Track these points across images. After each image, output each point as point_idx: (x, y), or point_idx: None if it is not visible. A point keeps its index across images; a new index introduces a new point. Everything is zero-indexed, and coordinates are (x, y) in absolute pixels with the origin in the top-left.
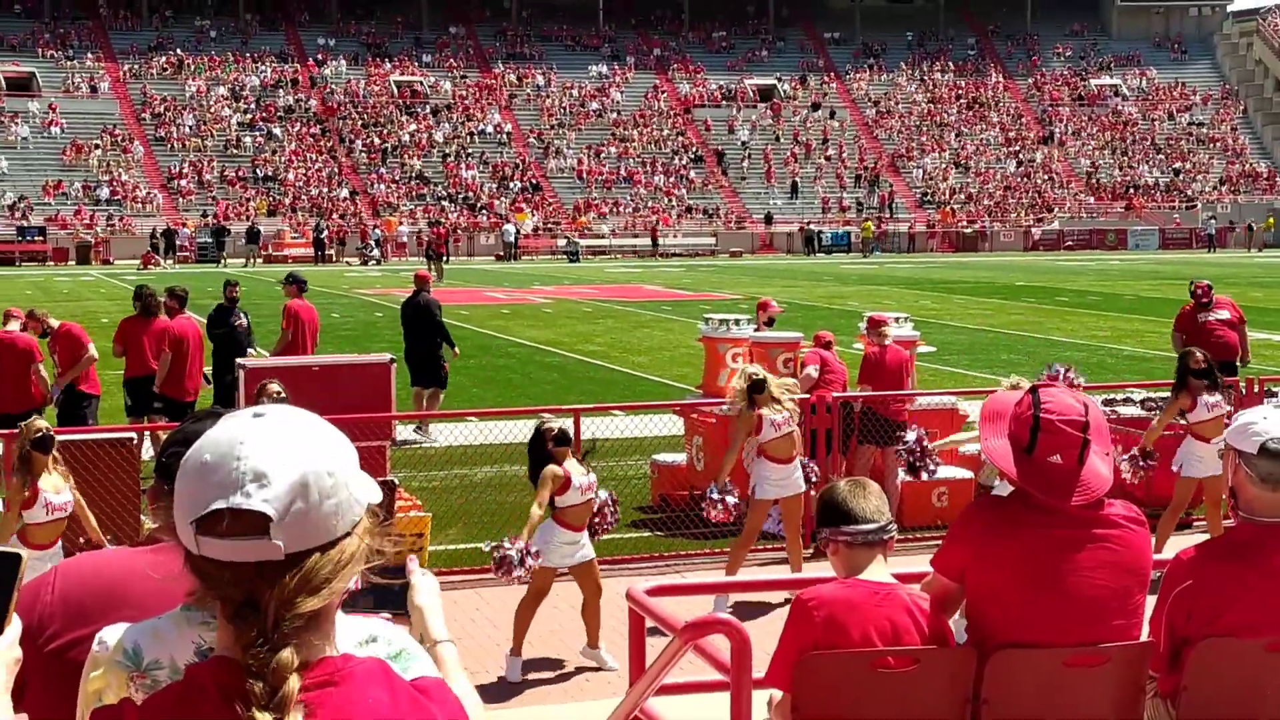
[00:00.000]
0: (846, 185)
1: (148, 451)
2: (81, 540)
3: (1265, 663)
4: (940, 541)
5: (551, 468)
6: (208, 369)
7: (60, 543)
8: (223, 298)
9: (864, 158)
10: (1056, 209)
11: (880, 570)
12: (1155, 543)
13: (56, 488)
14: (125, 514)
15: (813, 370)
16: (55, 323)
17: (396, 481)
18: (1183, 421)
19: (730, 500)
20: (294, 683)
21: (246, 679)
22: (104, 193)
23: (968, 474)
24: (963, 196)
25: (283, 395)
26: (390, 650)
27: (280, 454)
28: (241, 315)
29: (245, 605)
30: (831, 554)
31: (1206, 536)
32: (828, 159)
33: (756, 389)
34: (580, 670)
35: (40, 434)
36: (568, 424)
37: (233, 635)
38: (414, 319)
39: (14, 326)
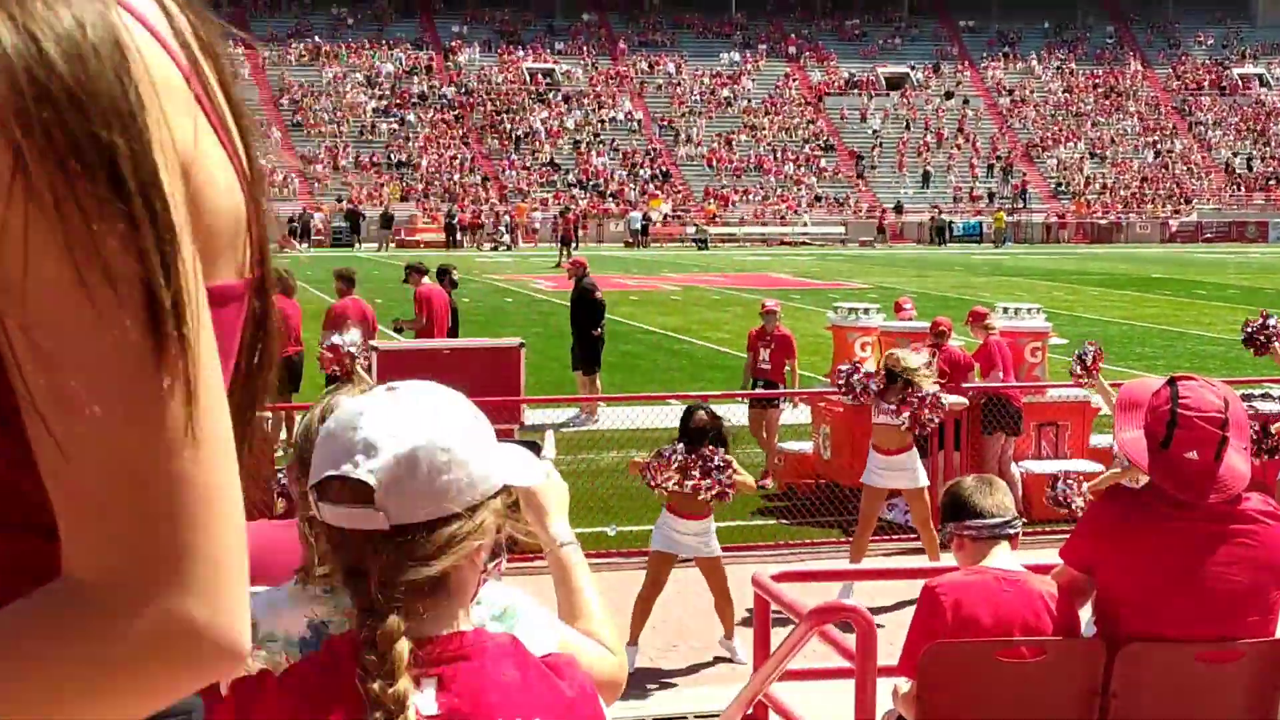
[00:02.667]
0: (979, 175)
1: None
2: None
3: None
4: (1069, 534)
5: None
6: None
7: None
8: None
9: (997, 147)
10: (1195, 200)
11: (1008, 559)
12: None
13: None
14: (258, 491)
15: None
16: None
17: (541, 443)
18: None
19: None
20: (403, 648)
21: (362, 647)
22: None
23: (1098, 467)
24: (1098, 187)
25: None
26: (493, 611)
27: (394, 427)
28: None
29: (353, 573)
30: (956, 549)
31: None
32: (959, 148)
33: (891, 377)
34: (710, 658)
35: None
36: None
37: (353, 605)
38: (573, 305)
39: None
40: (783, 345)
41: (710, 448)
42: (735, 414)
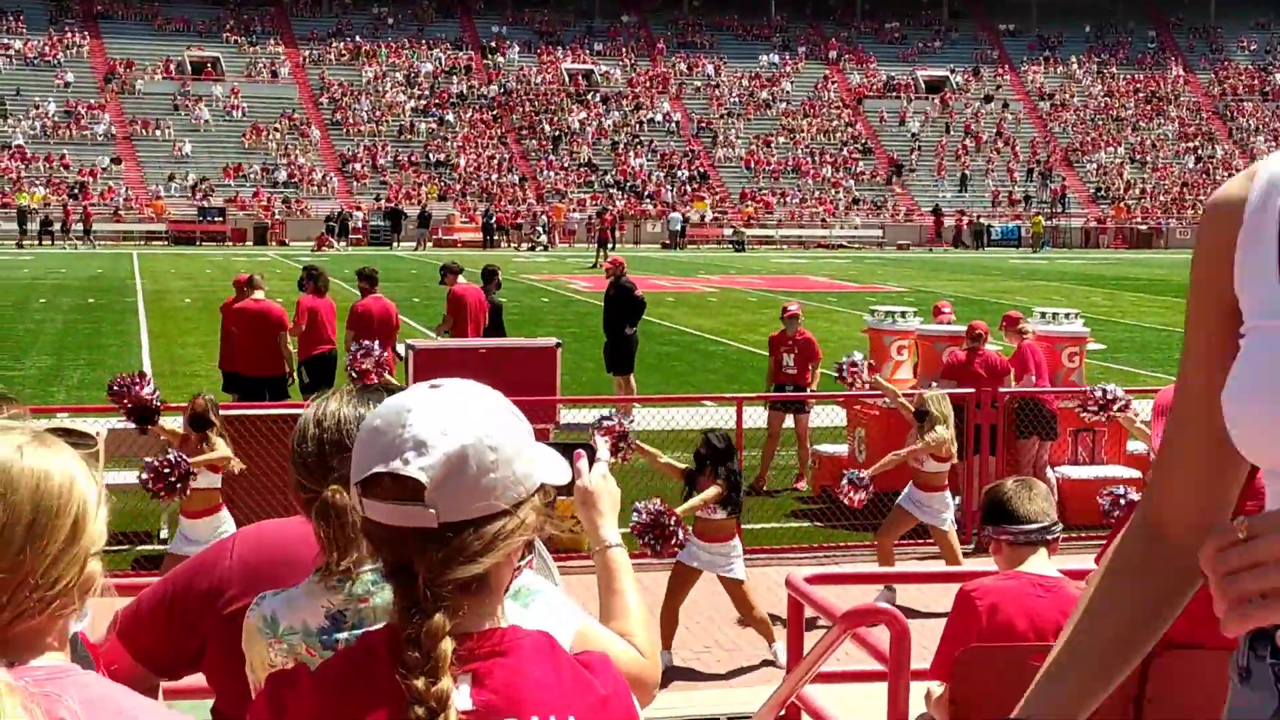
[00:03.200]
0: (1017, 179)
1: None
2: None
3: None
4: (1105, 539)
5: (716, 489)
6: (400, 346)
7: (221, 511)
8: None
9: (1036, 151)
10: None
11: (1045, 565)
12: None
13: (208, 463)
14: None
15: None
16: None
17: (595, 445)
18: None
19: (862, 495)
20: (446, 646)
21: (404, 644)
22: (281, 175)
23: (1135, 473)
24: (1138, 192)
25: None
26: (509, 590)
27: (443, 425)
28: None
29: (400, 569)
30: (994, 553)
31: None
32: (998, 152)
33: (920, 417)
34: (743, 661)
35: (197, 413)
36: (730, 414)
37: (396, 601)
38: (609, 304)
39: (260, 295)
40: (806, 349)
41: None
42: (765, 417)
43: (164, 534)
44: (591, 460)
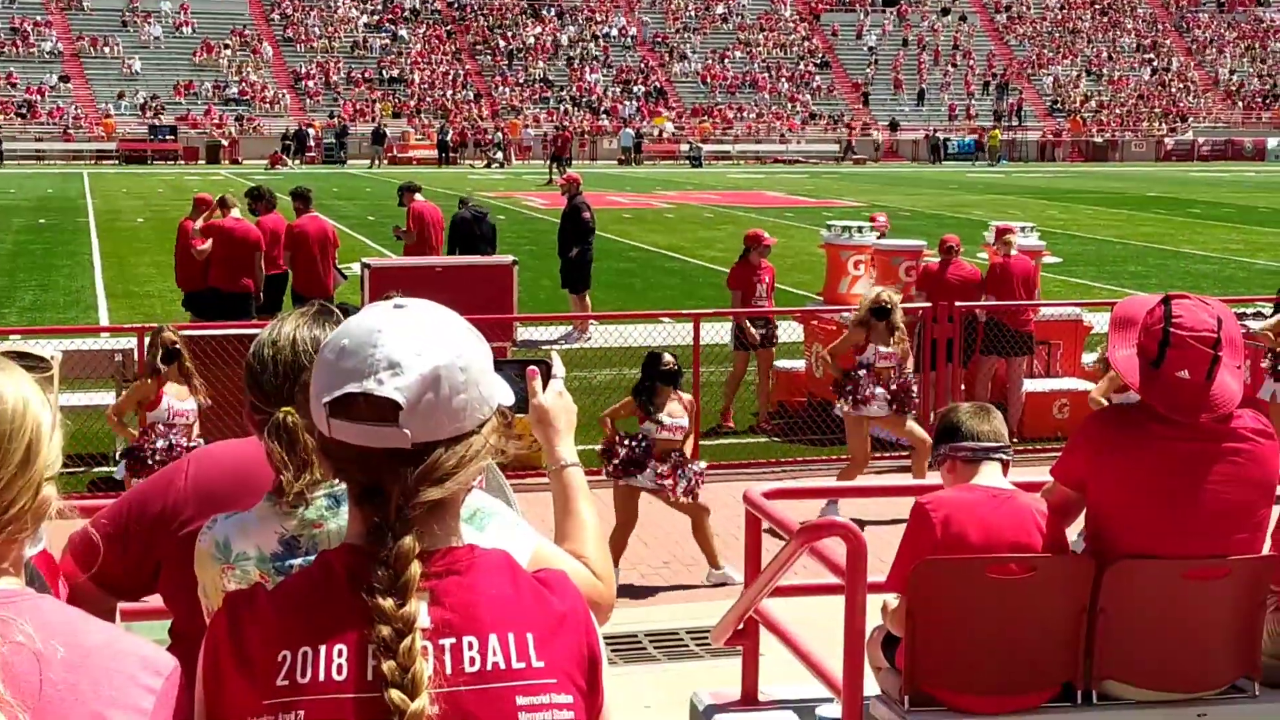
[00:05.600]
0: (974, 92)
1: None
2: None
3: None
4: (1060, 453)
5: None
6: (342, 266)
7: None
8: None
9: (993, 64)
10: (1191, 119)
11: (998, 479)
12: None
13: (179, 395)
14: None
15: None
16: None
17: (550, 361)
18: None
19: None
20: (415, 569)
21: (371, 564)
22: (233, 92)
23: (1089, 385)
24: (1094, 105)
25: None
26: (464, 514)
27: (416, 345)
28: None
29: (370, 491)
30: (947, 471)
31: None
32: (955, 65)
33: (879, 314)
34: (701, 577)
35: (167, 347)
36: (687, 330)
37: (360, 521)
38: (562, 222)
39: (235, 214)
40: (771, 280)
41: (680, 456)
42: (722, 332)
43: (118, 456)
44: (547, 378)
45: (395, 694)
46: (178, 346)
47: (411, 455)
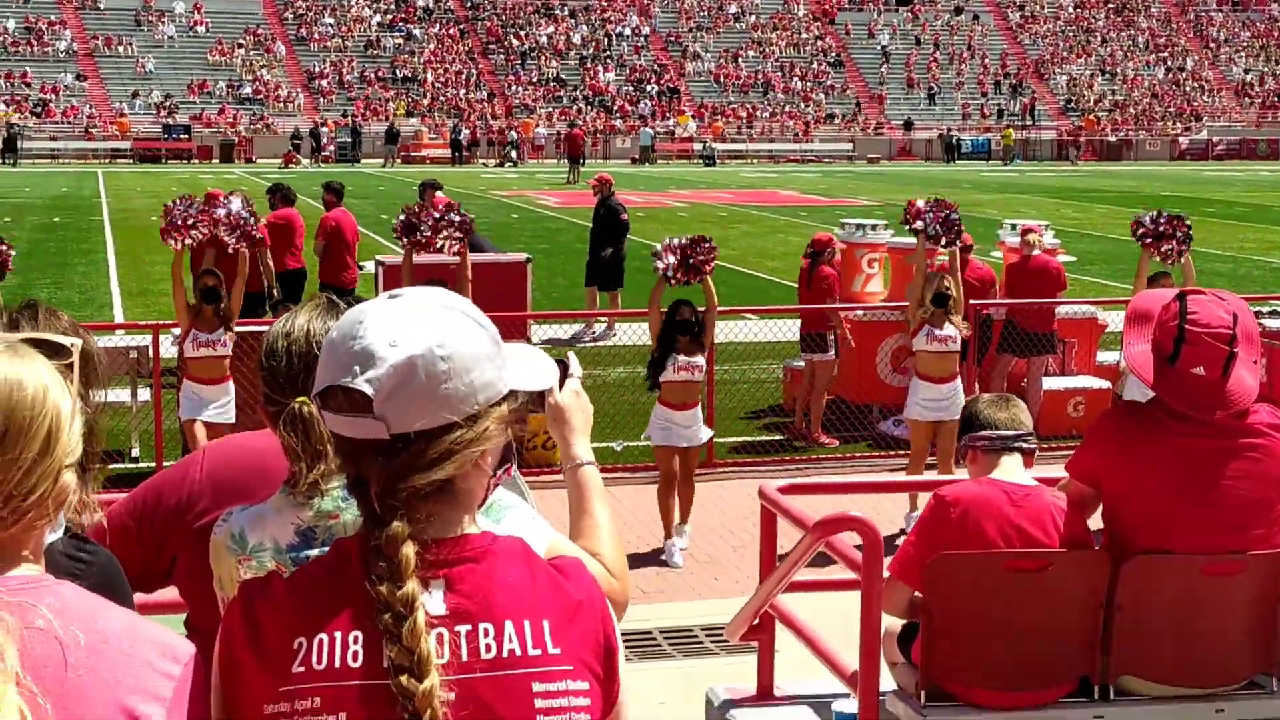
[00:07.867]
0: (988, 91)
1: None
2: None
3: None
4: (1075, 448)
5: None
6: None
7: (229, 382)
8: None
9: (1007, 63)
10: (1206, 118)
11: (1019, 473)
12: None
13: (211, 327)
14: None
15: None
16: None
17: (568, 361)
18: None
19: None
20: (408, 551)
21: (371, 552)
22: (247, 91)
23: (1105, 384)
24: (1108, 104)
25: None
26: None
27: (392, 336)
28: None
29: (358, 480)
30: (970, 462)
31: None
32: (969, 65)
33: (939, 301)
34: (717, 574)
35: (207, 288)
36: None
37: (360, 511)
38: (596, 221)
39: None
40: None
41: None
42: (751, 330)
43: (135, 452)
44: (564, 377)
45: (404, 679)
46: (220, 289)
47: (390, 445)
